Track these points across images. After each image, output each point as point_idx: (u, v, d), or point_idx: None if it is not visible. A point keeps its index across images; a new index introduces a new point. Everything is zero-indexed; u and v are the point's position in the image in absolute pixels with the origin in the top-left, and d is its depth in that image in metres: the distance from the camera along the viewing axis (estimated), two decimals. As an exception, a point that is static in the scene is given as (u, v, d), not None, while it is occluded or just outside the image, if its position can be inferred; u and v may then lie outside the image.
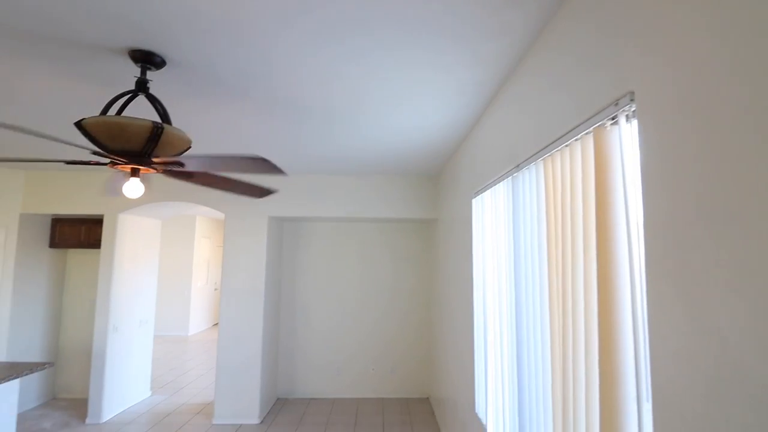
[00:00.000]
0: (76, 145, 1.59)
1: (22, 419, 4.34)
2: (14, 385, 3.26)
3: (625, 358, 1.09)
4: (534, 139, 1.81)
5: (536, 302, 1.75)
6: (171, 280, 9.39)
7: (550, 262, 1.59)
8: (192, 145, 2.40)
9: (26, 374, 3.20)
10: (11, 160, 1.74)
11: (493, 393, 2.44)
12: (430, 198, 4.79)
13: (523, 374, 1.89)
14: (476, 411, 2.76)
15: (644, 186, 1.08)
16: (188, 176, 1.91)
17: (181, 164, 1.77)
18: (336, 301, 5.41)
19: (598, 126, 1.29)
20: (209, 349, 7.93)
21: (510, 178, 2.14)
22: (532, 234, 1.81)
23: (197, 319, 9.85)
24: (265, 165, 1.63)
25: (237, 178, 2.00)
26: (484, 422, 2.58)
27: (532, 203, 1.82)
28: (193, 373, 6.28)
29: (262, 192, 2.12)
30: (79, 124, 1.64)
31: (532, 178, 1.85)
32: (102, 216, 4.72)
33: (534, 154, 1.79)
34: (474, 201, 2.94)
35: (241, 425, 4.34)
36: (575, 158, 1.42)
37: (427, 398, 5.24)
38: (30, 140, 3.37)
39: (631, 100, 1.14)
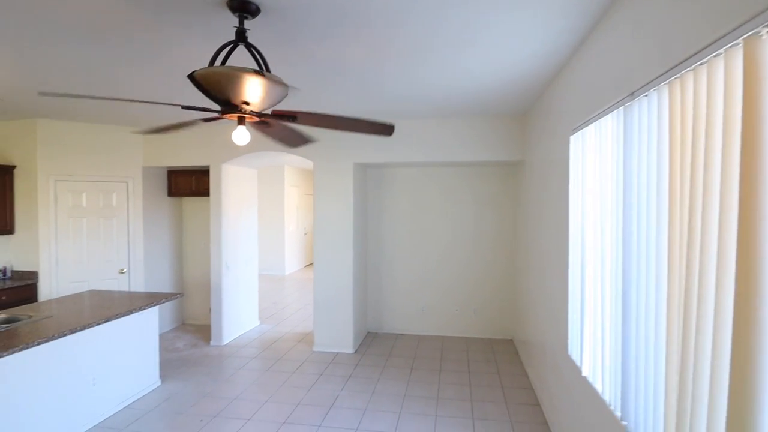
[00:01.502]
0: (163, 103, 1.72)
1: (162, 339, 5.22)
2: (155, 311, 3.90)
3: (770, 301, 0.98)
4: (655, 60, 1.58)
5: (651, 243, 1.61)
6: (267, 225, 10.25)
7: (672, 201, 1.44)
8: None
9: (163, 302, 3.80)
10: (161, 131, 1.95)
11: (589, 336, 2.38)
12: (516, 139, 4.53)
13: (630, 317, 1.80)
14: (569, 353, 2.73)
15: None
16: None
17: (294, 118, 1.84)
18: (419, 243, 5.52)
19: (750, 35, 1.08)
20: (304, 287, 8.69)
21: (621, 108, 1.92)
22: (648, 171, 1.64)
23: (291, 260, 10.77)
24: (386, 128, 1.60)
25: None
26: (578, 364, 2.55)
27: (651, 136, 1.63)
28: (292, 307, 6.98)
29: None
30: (191, 77, 1.77)
31: (651, 107, 1.64)
32: (208, 167, 5.21)
33: (655, 78, 1.57)
34: (572, 138, 2.71)
35: (337, 353, 4.80)
36: (715, 78, 1.22)
37: (511, 340, 5.29)
38: (143, 102, 3.74)
39: (804, -3, 0.93)
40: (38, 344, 2.61)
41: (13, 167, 4.57)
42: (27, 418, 2.71)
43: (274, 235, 10.35)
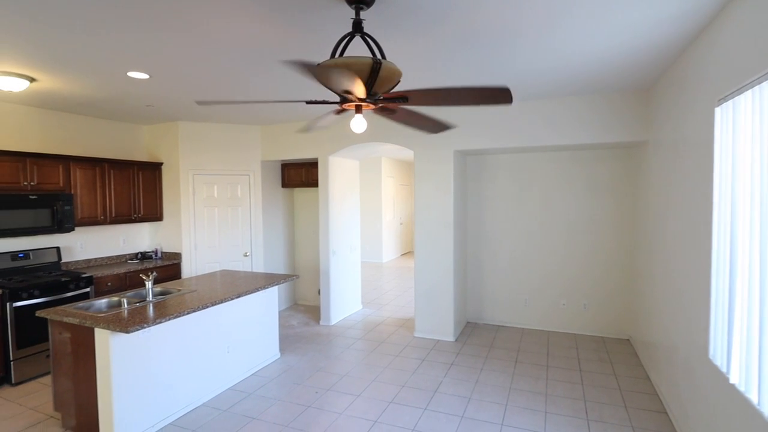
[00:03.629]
0: (290, 101, 1.84)
1: (278, 317, 5.74)
2: (275, 290, 4.30)
3: None
4: None
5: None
6: (365, 215, 10.65)
7: None
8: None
9: (282, 282, 4.17)
10: (309, 129, 2.13)
11: (741, 338, 2.06)
12: (637, 117, 4.05)
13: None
14: (710, 357, 2.40)
15: None
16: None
17: (406, 99, 1.87)
18: (523, 233, 5.28)
19: None
20: (401, 275, 8.89)
21: (794, 68, 1.61)
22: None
23: (389, 249, 11.07)
24: (501, 94, 1.53)
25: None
26: (723, 370, 2.23)
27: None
28: (391, 293, 7.18)
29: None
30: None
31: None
32: (317, 159, 5.57)
33: None
34: (718, 110, 2.35)
35: (438, 341, 4.83)
36: None
37: (627, 339, 4.82)
38: (263, 99, 4.11)
39: None
40: (188, 313, 3.06)
41: (161, 164, 5.38)
42: (179, 376, 3.20)
43: (372, 224, 10.73)
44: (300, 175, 5.96)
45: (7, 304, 3.69)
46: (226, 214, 5.51)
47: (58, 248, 4.49)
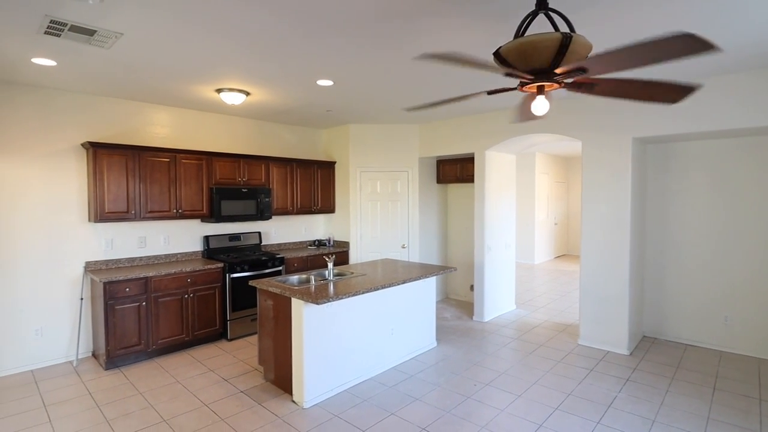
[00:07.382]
0: (472, 94, 1.84)
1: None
2: (433, 280, 4.45)
3: None
4: None
5: None
6: (518, 213, 10.20)
7: None
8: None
9: (441, 273, 4.29)
10: (442, 103, 2.23)
11: None
12: None
13: None
14: None
15: None
16: (590, 88, 1.86)
17: (584, 70, 1.75)
18: (720, 235, 4.36)
19: None
20: (556, 278, 8.24)
21: None
22: None
23: (541, 250, 10.39)
24: (689, 42, 1.35)
25: (649, 80, 1.71)
26: None
27: None
28: (547, 296, 6.73)
29: (681, 91, 1.75)
30: (496, 53, 1.90)
31: None
32: (472, 155, 5.57)
33: None
34: None
35: (608, 352, 4.33)
36: None
37: None
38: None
39: None
40: (363, 293, 3.39)
41: (334, 162, 6.08)
42: (353, 349, 3.57)
43: (524, 223, 10.22)
44: (455, 170, 6.03)
45: (227, 275, 4.64)
46: (386, 208, 5.93)
47: (259, 233, 5.47)
